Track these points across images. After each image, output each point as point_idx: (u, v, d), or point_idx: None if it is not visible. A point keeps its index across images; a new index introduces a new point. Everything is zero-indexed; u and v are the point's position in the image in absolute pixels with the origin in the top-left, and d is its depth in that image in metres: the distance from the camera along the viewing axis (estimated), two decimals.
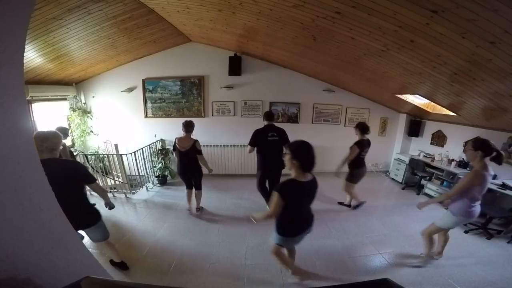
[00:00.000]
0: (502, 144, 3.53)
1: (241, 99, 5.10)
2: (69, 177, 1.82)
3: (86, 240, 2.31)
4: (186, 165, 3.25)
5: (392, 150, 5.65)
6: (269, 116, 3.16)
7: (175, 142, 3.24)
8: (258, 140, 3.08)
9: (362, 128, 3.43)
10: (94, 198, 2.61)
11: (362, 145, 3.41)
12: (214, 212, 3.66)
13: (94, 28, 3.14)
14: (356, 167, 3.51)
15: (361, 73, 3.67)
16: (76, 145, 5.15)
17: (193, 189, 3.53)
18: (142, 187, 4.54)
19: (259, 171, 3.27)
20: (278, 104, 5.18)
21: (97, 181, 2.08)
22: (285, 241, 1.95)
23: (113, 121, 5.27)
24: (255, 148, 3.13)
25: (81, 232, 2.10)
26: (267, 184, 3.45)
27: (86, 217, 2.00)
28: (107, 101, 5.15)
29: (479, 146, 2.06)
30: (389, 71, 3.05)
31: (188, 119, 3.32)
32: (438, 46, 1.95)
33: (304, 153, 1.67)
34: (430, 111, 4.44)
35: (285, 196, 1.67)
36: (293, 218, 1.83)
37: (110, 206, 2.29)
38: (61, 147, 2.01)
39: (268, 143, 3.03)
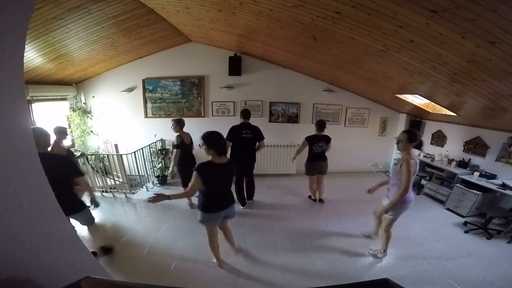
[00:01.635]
0: (502, 144, 3.54)
1: (241, 99, 5.10)
2: (60, 170, 2.02)
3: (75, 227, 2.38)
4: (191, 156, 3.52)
5: (392, 150, 5.65)
6: (245, 114, 3.34)
7: (181, 138, 3.39)
8: (233, 136, 3.25)
9: (318, 125, 3.65)
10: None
11: (313, 140, 3.63)
12: None
13: (94, 28, 3.14)
14: (308, 160, 3.75)
15: (361, 73, 3.67)
16: (76, 145, 5.15)
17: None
18: (142, 187, 4.54)
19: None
20: (278, 104, 5.18)
21: (84, 176, 2.34)
22: (207, 218, 2.17)
23: (113, 121, 5.27)
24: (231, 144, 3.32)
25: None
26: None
27: (75, 205, 2.27)
28: (107, 101, 5.15)
29: (413, 138, 2.24)
30: (389, 71, 3.05)
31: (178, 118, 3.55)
32: (438, 46, 1.95)
33: (214, 140, 2.03)
34: (430, 111, 4.44)
35: (202, 175, 1.97)
36: (212, 196, 2.11)
37: (95, 203, 2.45)
38: (51, 145, 2.37)
39: (242, 140, 3.23)
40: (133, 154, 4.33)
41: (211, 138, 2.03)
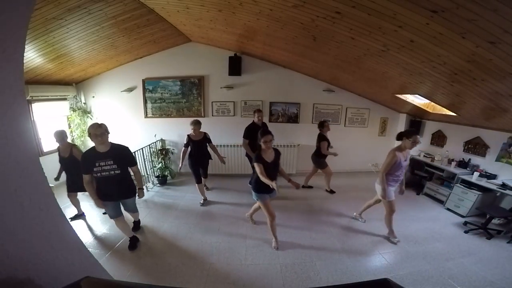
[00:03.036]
0: (502, 144, 3.54)
1: (241, 99, 5.10)
2: (125, 157, 2.49)
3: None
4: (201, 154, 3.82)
5: None
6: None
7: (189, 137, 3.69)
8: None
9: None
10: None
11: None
12: (214, 212, 3.66)
13: (94, 28, 3.14)
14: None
15: (361, 73, 3.67)
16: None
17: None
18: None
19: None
20: (278, 104, 5.18)
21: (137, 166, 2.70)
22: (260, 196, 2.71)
23: (113, 121, 5.25)
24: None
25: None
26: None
27: (133, 189, 2.64)
28: (107, 101, 5.15)
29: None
30: (389, 71, 3.05)
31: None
32: (438, 46, 1.95)
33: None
34: (430, 111, 4.44)
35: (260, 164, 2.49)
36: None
37: (141, 193, 2.72)
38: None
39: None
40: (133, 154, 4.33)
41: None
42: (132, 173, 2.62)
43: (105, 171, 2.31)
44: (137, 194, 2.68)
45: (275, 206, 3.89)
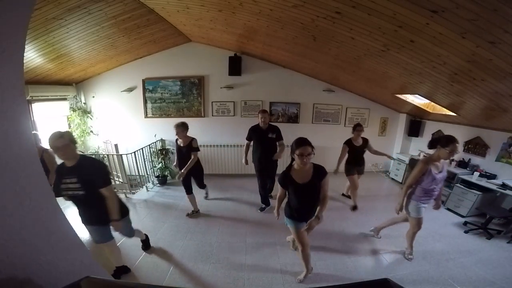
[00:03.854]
0: (502, 144, 3.54)
1: (241, 99, 5.10)
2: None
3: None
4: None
5: (392, 150, 5.64)
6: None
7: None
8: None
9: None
10: None
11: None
12: (214, 212, 3.66)
13: (94, 28, 3.14)
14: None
15: (361, 73, 3.67)
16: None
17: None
18: (142, 187, 4.54)
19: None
20: (278, 104, 5.18)
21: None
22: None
23: (113, 121, 5.27)
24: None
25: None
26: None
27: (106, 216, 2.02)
28: (107, 101, 5.15)
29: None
30: (389, 71, 3.05)
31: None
32: (438, 46, 1.95)
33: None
34: (430, 111, 4.44)
35: None
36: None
37: (116, 227, 2.14)
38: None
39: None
40: (133, 154, 4.33)
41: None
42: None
43: (70, 190, 1.86)
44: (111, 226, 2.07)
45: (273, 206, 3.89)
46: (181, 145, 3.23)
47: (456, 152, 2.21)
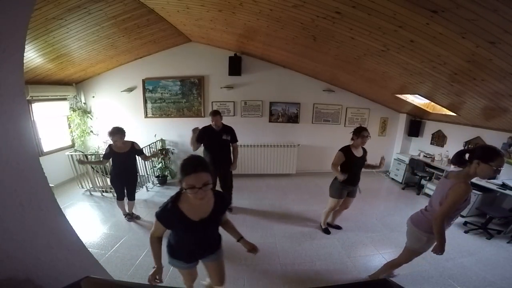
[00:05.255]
0: (502, 144, 3.53)
1: (241, 99, 5.10)
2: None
3: None
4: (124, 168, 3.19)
5: (392, 150, 5.65)
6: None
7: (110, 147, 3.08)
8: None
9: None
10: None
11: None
12: None
13: (94, 28, 3.14)
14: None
15: (361, 73, 3.67)
16: (76, 145, 5.15)
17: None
18: (142, 187, 4.54)
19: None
20: (278, 104, 5.17)
21: None
22: None
23: (113, 121, 5.25)
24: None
25: None
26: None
27: None
28: (107, 101, 5.15)
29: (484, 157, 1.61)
30: (389, 71, 3.05)
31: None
32: (438, 46, 1.95)
33: None
34: (430, 111, 4.44)
35: None
36: None
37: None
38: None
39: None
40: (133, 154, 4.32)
41: None
42: None
43: None
44: None
45: (271, 205, 3.89)
46: (120, 151, 3.04)
47: (502, 167, 1.57)
